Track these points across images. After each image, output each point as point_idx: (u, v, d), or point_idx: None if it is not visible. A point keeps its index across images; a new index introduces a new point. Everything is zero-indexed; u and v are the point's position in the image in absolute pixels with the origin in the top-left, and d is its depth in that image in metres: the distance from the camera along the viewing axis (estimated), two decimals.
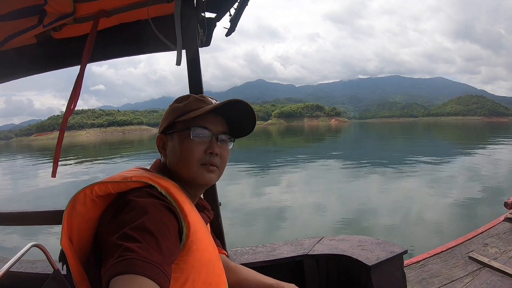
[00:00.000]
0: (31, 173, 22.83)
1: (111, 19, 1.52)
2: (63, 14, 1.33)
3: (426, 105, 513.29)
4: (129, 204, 0.74)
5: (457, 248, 3.02)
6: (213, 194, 1.75)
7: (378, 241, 1.90)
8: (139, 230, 0.67)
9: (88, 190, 0.80)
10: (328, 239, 1.99)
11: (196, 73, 1.68)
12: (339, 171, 15.39)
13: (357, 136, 58.29)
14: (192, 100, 0.96)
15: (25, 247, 1.45)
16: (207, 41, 1.86)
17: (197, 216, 0.86)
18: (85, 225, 0.80)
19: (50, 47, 1.65)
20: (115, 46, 1.67)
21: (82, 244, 0.81)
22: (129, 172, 0.87)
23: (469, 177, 12.82)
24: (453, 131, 64.66)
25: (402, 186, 11.48)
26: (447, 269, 2.69)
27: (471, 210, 8.20)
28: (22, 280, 1.81)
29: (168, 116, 0.98)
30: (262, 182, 13.47)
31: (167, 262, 0.67)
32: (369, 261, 1.67)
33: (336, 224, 7.41)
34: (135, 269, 0.60)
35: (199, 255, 0.80)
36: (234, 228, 7.38)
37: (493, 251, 2.91)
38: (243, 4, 1.67)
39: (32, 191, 15.01)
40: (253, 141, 41.37)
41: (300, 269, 1.85)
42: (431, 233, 6.56)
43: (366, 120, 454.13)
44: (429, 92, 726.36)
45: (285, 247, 1.94)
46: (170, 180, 0.88)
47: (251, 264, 1.77)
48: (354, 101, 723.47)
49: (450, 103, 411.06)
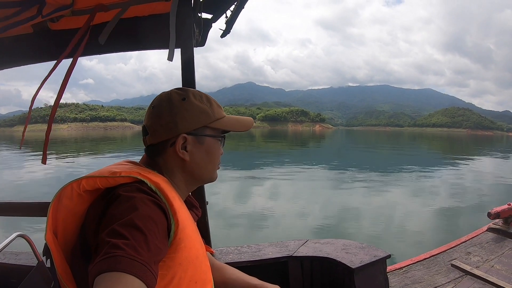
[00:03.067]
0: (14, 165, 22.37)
1: (109, 13, 1.53)
2: (62, 5, 1.33)
3: (414, 115, 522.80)
4: (118, 199, 0.73)
5: (440, 256, 3.07)
6: (201, 193, 1.75)
7: (362, 245, 1.94)
8: (128, 226, 0.66)
9: (76, 184, 0.79)
10: (313, 242, 2.02)
11: (190, 72, 1.68)
12: (322, 178, 15.44)
13: (340, 143, 58.42)
14: (215, 106, 0.97)
15: (9, 237, 1.43)
16: (202, 41, 1.87)
17: (186, 213, 0.85)
18: (70, 219, 0.79)
19: (46, 37, 1.64)
20: (111, 41, 1.67)
21: (67, 238, 0.80)
22: (117, 166, 0.85)
23: (453, 188, 13.03)
24: (437, 143, 65.53)
25: (386, 194, 11.59)
26: (430, 275, 2.73)
27: (454, 220, 8.36)
28: (5, 272, 1.78)
29: (198, 117, 0.93)
30: (245, 185, 13.41)
31: (154, 260, 0.66)
32: (352, 264, 1.70)
33: (319, 229, 7.47)
34: (121, 267, 0.59)
35: (187, 252, 0.79)
36: (218, 228, 7.36)
37: (476, 260, 2.97)
38: (240, 6, 1.69)
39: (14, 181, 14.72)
40: (236, 144, 41.26)
41: (284, 270, 1.87)
42: (414, 241, 6.66)
43: (353, 127, 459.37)
44: (417, 102, 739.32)
45: (270, 248, 1.96)
46: (160, 175, 0.87)
47: (236, 264, 1.77)
48: (343, 108, 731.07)
49: (436, 114, 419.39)
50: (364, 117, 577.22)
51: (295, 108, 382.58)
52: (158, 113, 0.92)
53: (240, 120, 1.02)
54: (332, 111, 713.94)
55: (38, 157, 26.27)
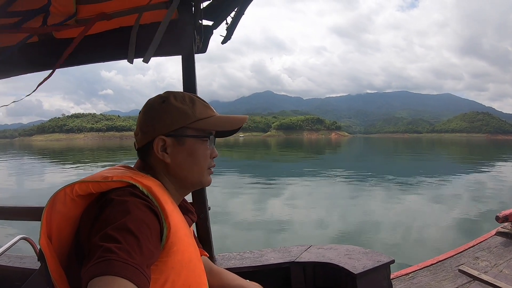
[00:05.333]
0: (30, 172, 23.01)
1: (111, 22, 1.57)
2: (66, 15, 1.38)
3: (433, 121, 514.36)
4: (111, 204, 0.73)
5: (447, 261, 2.99)
6: (202, 198, 1.76)
7: (365, 250, 1.91)
8: (120, 230, 0.66)
9: (69, 189, 0.79)
10: (316, 247, 2.00)
11: (191, 78, 1.70)
12: (337, 186, 15.24)
13: (354, 151, 57.37)
14: (200, 105, 0.95)
15: (13, 239, 1.46)
16: (203, 48, 1.90)
17: (179, 217, 0.85)
18: (65, 224, 0.80)
19: (52, 46, 1.68)
20: (110, 49, 1.71)
21: (61, 242, 0.80)
22: (110, 171, 0.86)
23: (470, 194, 12.72)
24: (456, 148, 63.78)
25: (399, 201, 11.35)
26: (437, 281, 2.66)
27: (471, 225, 8.15)
28: (9, 274, 1.82)
29: (176, 118, 0.93)
30: (261, 193, 13.37)
31: (147, 263, 0.67)
32: (355, 270, 1.68)
33: (336, 236, 7.38)
34: (114, 271, 0.59)
35: (180, 256, 0.79)
36: (233, 236, 7.37)
37: (484, 265, 2.88)
38: (240, 13, 1.72)
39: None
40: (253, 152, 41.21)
41: (286, 276, 1.85)
42: (427, 247, 6.51)
43: (370, 135, 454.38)
44: (436, 108, 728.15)
45: (272, 253, 1.94)
46: (153, 179, 0.87)
47: (238, 269, 1.76)
48: (361, 115, 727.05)
49: (455, 120, 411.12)
50: (383, 124, 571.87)
51: (310, 116, 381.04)
52: (141, 117, 0.95)
53: (231, 119, 0.99)
54: (350, 118, 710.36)
55: (57, 165, 27.11)
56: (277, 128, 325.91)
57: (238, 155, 40.30)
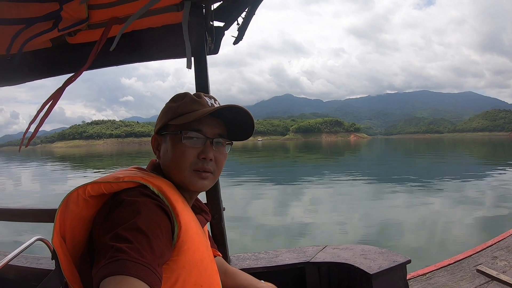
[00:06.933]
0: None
1: (123, 26, 1.59)
2: (78, 20, 1.40)
3: (454, 121, 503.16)
4: (121, 204, 0.74)
5: (465, 261, 2.92)
6: (216, 199, 1.75)
7: (381, 250, 1.88)
8: (131, 230, 0.67)
9: (81, 189, 0.80)
10: (331, 247, 1.98)
11: (203, 79, 1.71)
12: (357, 188, 14.99)
13: (374, 153, 55.96)
14: (187, 101, 0.93)
15: (29, 240, 1.49)
16: (215, 49, 1.91)
17: (190, 216, 0.85)
18: (78, 224, 0.81)
19: (65, 51, 1.72)
20: (125, 53, 1.73)
21: (75, 242, 0.81)
22: (122, 172, 0.87)
23: (491, 193, 12.45)
24: (477, 148, 61.52)
25: (421, 202, 11.05)
26: (454, 282, 2.60)
27: (491, 224, 7.95)
28: (26, 275, 1.86)
29: (163, 116, 0.96)
30: (280, 195, 13.35)
31: (158, 262, 0.67)
32: (370, 270, 1.65)
33: (349, 238, 7.31)
34: (125, 270, 0.60)
35: (190, 255, 0.79)
36: (254, 239, 7.38)
37: (502, 264, 2.81)
38: (250, 13, 1.72)
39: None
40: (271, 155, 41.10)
41: (301, 277, 1.84)
42: (445, 248, 6.37)
43: (391, 136, 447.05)
44: (457, 107, 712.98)
45: (287, 254, 1.93)
46: (164, 179, 0.87)
47: (253, 270, 1.76)
48: (382, 116, 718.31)
49: (476, 118, 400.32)
50: (404, 124, 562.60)
51: (329, 118, 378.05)
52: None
53: (203, 103, 0.94)
54: (371, 120, 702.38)
55: (78, 171, 27.76)
56: (295, 131, 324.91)
57: (256, 159, 40.29)
